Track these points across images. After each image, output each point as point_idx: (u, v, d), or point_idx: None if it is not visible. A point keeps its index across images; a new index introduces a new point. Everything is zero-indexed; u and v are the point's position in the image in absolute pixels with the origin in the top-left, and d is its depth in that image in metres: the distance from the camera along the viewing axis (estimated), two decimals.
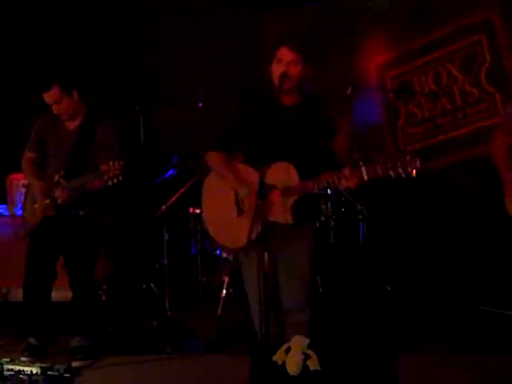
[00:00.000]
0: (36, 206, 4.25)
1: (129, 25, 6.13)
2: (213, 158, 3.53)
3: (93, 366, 4.10)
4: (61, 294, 4.51)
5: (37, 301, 4.29)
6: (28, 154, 4.40)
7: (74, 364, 4.01)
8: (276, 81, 3.30)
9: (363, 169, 3.07)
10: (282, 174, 3.29)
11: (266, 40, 5.85)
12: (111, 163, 3.89)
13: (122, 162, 3.89)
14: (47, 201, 4.18)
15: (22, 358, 4.13)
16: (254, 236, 3.09)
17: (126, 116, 6.12)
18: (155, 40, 6.16)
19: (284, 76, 3.26)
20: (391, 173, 2.99)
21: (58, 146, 4.27)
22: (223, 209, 3.47)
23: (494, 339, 4.33)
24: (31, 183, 4.35)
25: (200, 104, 5.43)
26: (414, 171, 2.96)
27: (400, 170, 2.97)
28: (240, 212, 3.41)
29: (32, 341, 4.27)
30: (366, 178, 3.07)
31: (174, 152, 5.78)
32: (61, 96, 4.16)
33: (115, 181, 3.89)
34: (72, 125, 4.29)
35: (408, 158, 2.97)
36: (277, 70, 3.31)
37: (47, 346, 4.32)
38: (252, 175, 3.32)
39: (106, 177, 3.89)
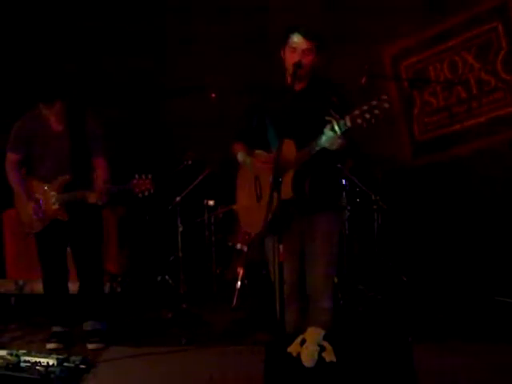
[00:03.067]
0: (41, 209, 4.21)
1: (139, 18, 6.11)
2: (232, 148, 3.65)
3: (108, 353, 4.13)
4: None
5: (57, 293, 4.36)
6: (12, 156, 4.24)
7: (90, 346, 4.14)
8: (289, 68, 3.32)
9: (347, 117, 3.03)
10: (285, 151, 3.24)
11: (273, 30, 5.81)
12: (137, 177, 4.05)
13: (150, 176, 4.06)
14: (56, 206, 4.17)
15: (49, 345, 4.22)
16: (268, 218, 2.95)
17: (138, 109, 6.14)
18: (167, 32, 6.14)
19: (298, 65, 3.26)
20: (367, 116, 2.96)
21: (46, 147, 4.17)
22: (247, 197, 3.57)
23: (511, 329, 4.30)
24: (18, 188, 4.25)
25: (213, 94, 5.39)
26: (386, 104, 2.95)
27: (376, 111, 2.95)
28: (258, 198, 3.47)
29: (57, 329, 4.33)
30: (349, 123, 3.02)
31: (187, 144, 5.76)
32: (62, 111, 4.13)
33: (146, 194, 4.08)
34: (58, 125, 4.18)
35: (374, 102, 2.96)
36: (291, 58, 3.32)
37: (72, 331, 4.38)
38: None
39: (137, 190, 4.05)
